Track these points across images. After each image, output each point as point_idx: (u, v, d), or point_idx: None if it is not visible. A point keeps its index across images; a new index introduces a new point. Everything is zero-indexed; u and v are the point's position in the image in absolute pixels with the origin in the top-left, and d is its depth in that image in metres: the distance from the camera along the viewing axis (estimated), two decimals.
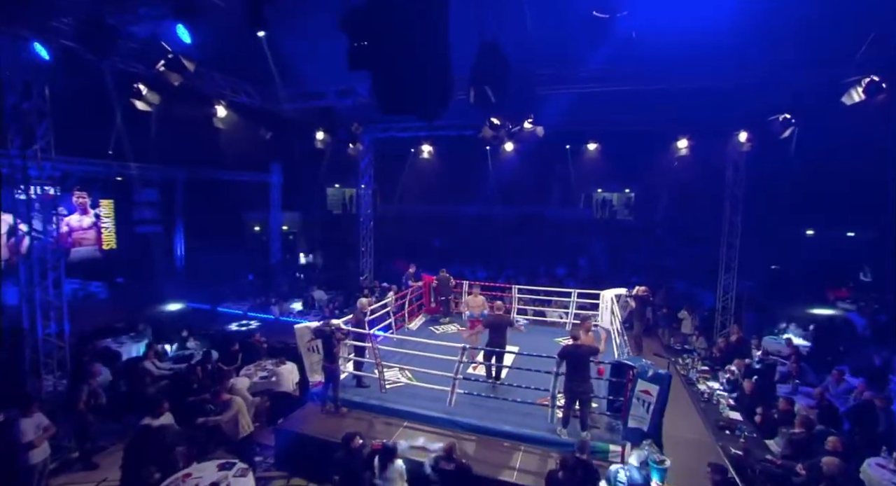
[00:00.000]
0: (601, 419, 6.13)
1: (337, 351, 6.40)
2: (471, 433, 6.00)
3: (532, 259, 19.87)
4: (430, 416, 6.26)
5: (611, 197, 24.54)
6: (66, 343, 6.59)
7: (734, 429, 6.46)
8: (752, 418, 6.87)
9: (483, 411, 6.32)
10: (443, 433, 5.98)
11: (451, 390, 6.44)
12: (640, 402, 5.53)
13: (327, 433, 6.04)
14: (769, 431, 6.45)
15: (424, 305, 10.88)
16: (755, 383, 7.47)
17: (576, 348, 5.84)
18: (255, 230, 20.75)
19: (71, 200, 15.24)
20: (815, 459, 5.29)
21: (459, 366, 6.44)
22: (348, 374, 7.11)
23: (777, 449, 6.09)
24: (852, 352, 9.41)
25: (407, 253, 16.55)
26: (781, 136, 7.84)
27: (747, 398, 7.27)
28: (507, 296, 10.75)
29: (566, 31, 4.82)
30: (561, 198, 23.31)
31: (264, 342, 9.32)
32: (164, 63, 5.37)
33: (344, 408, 6.58)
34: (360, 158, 13.42)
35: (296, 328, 6.89)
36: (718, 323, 11.51)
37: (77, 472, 5.99)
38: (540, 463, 5.46)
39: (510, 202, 21.63)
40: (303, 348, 6.87)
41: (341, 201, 25.44)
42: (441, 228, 22.72)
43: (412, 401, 6.57)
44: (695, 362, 8.87)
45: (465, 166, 17.93)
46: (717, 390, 7.74)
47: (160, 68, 5.35)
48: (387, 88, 3.97)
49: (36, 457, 5.02)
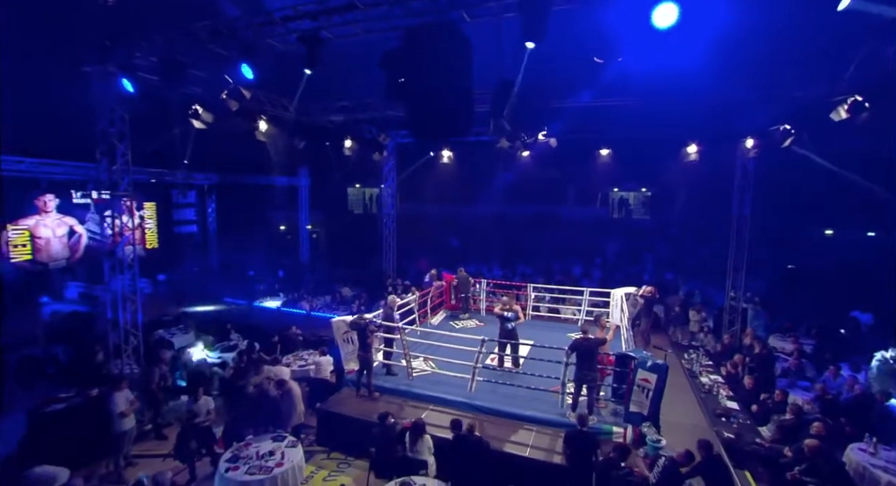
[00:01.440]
0: (607, 404, 6.82)
1: (370, 342, 7.22)
2: (489, 416, 6.75)
3: (548, 258, 20.46)
4: (453, 400, 7.04)
5: (628, 196, 24.81)
6: (139, 331, 7.57)
7: (730, 417, 7.07)
8: (748, 408, 7.46)
9: (500, 396, 7.07)
10: (464, 415, 6.74)
11: (472, 378, 7.21)
12: (640, 389, 6.21)
13: (362, 413, 6.87)
14: (763, 419, 7.04)
15: (445, 302, 11.66)
16: (755, 377, 8.03)
17: (585, 341, 6.53)
18: (281, 230, 21.87)
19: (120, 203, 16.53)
20: (801, 443, 5.89)
21: (479, 356, 7.20)
22: (379, 363, 7.93)
23: (768, 435, 6.68)
24: (855, 349, 9.83)
25: (425, 252, 17.37)
26: (783, 145, 8.34)
27: (745, 390, 7.85)
28: (522, 293, 11.48)
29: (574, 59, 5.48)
30: (577, 197, 23.73)
31: (300, 335, 10.24)
32: (227, 92, 6.27)
33: (376, 393, 7.40)
34: (384, 162, 14.23)
35: (332, 322, 7.75)
36: (726, 321, 11.97)
37: (151, 441, 6.99)
38: (551, 442, 6.17)
39: (526, 202, 22.15)
40: (339, 339, 7.72)
41: (362, 201, 26.33)
42: (458, 227, 23.40)
43: (436, 387, 7.37)
44: (699, 357, 9.45)
45: (483, 168, 18.51)
46: (718, 382, 8.34)
47: (223, 96, 6.26)
48: (418, 117, 4.78)
49: (126, 425, 5.99)
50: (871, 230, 18.04)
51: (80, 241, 15.99)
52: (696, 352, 9.85)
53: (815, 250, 18.60)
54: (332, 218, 23.37)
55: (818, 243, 19.25)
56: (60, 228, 15.42)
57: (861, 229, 18.15)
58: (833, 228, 19.19)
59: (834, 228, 19.16)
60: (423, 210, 22.53)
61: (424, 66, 4.49)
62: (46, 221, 15.05)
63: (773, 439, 6.54)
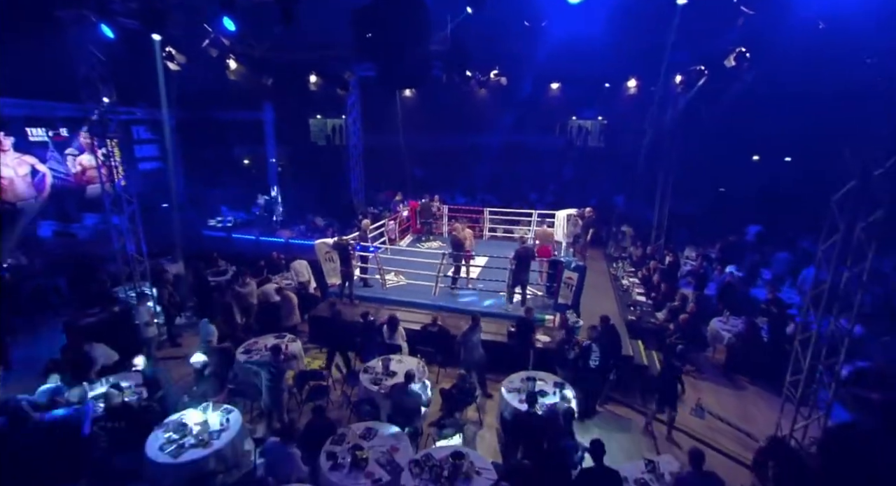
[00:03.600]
0: (542, 299, 8.65)
1: (351, 258, 8.60)
2: (449, 312, 8.45)
3: (510, 184, 21.96)
4: (420, 303, 8.68)
5: (586, 124, 25.94)
6: (145, 258, 8.59)
7: (637, 306, 9.09)
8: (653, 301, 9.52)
9: (457, 297, 8.76)
10: (429, 313, 8.42)
11: (435, 285, 8.83)
12: (566, 286, 7.99)
13: (346, 316, 8.41)
14: (660, 306, 9.10)
15: (411, 226, 13.05)
16: (661, 276, 10.06)
17: (524, 250, 8.14)
18: (245, 164, 22.06)
19: (79, 141, 16.37)
20: (678, 318, 7.92)
21: (441, 267, 8.76)
22: (357, 277, 9.39)
23: (661, 317, 8.75)
24: (745, 255, 12.09)
25: (391, 181, 18.38)
26: (697, 84, 9.68)
27: (654, 287, 9.90)
28: (479, 217, 13.00)
29: None
30: (538, 127, 24.67)
31: (283, 258, 11.50)
32: (209, 41, 6.77)
33: (356, 300, 8.94)
34: (348, 95, 14.67)
35: (315, 244, 9.04)
36: (653, 237, 14.01)
37: (168, 348, 8.37)
38: (497, 328, 7.96)
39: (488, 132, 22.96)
40: (321, 259, 9.06)
41: (324, 132, 26.30)
42: (422, 157, 24.14)
43: (406, 294, 8.97)
44: (624, 265, 11.45)
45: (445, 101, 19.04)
46: (635, 283, 10.36)
47: (204, 45, 6.77)
48: (384, 69, 5.76)
49: (150, 333, 7.30)
50: (787, 156, 20.32)
51: (44, 180, 15.97)
52: (623, 261, 11.86)
53: (743, 175, 20.86)
54: (297, 150, 23.52)
55: (746, 168, 21.50)
56: (22, 167, 15.31)
57: (780, 155, 20.37)
58: (759, 155, 21.38)
59: (760, 154, 21.34)
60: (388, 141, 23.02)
61: (388, 25, 5.41)
62: (6, 160, 14.91)
63: (664, 319, 8.61)
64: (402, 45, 5.13)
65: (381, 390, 6.12)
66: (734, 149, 19.76)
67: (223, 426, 5.38)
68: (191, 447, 5.03)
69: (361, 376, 6.51)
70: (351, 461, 4.78)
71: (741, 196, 19.83)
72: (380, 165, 19.79)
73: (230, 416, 5.56)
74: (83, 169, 16.62)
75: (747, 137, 18.79)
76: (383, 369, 6.56)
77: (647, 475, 4.70)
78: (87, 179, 16.71)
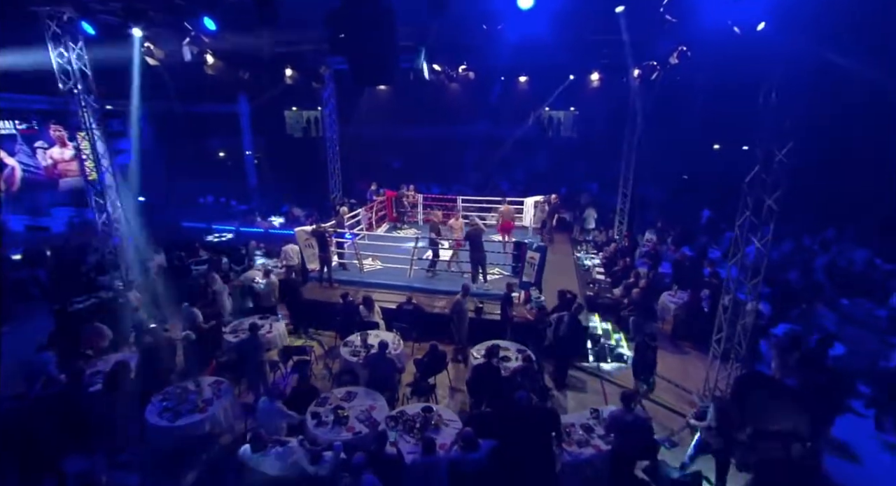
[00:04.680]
0: (509, 278, 9.36)
1: (329, 244, 9.13)
2: (421, 293, 9.08)
3: (482, 175, 22.65)
4: (395, 284, 9.30)
5: (558, 115, 26.73)
6: (130, 248, 8.90)
7: (595, 284, 9.91)
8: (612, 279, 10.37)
9: (429, 279, 9.41)
10: (404, 293, 9.05)
11: (409, 268, 9.45)
12: (529, 265, 8.71)
13: (326, 297, 8.99)
14: (616, 283, 9.95)
15: (388, 215, 13.61)
16: (621, 255, 10.91)
17: (473, 231, 8.86)
18: (221, 156, 22.10)
19: (49, 134, 16.22)
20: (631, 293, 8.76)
21: (414, 251, 9.38)
22: (336, 262, 9.93)
23: (618, 293, 9.59)
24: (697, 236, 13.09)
25: (368, 172, 18.82)
26: (651, 77, 10.46)
27: (613, 266, 10.75)
28: (453, 205, 13.63)
29: None
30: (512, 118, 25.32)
31: (263, 247, 11.94)
32: (189, 40, 7.10)
33: (336, 283, 9.49)
34: (324, 88, 14.99)
35: (296, 231, 9.53)
36: (616, 221, 14.90)
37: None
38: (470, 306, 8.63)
39: (463, 123, 23.50)
40: (302, 245, 9.56)
41: (300, 124, 26.37)
42: (398, 148, 24.55)
43: (382, 276, 9.57)
44: (588, 248, 12.30)
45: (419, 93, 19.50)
46: (596, 264, 11.20)
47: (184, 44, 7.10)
48: (356, 67, 6.27)
49: (139, 317, 7.71)
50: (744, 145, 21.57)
51: (14, 173, 15.85)
52: (587, 244, 12.71)
53: (706, 162, 22.04)
54: (272, 142, 23.61)
55: (708, 156, 22.69)
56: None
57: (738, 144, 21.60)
58: (719, 144, 22.59)
59: (720, 143, 22.54)
60: (364, 132, 23.34)
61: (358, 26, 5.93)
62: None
63: (620, 295, 9.45)
64: (370, 44, 5.65)
65: (359, 360, 6.73)
66: (697, 138, 20.93)
67: (216, 394, 5.92)
68: (187, 412, 5.58)
69: (342, 349, 7.11)
70: (333, 418, 5.41)
71: (702, 182, 21.05)
72: (356, 155, 20.17)
73: (221, 387, 6.10)
74: (54, 162, 16.51)
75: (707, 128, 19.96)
76: (361, 342, 7.17)
77: (592, 421, 5.48)
78: (58, 173, 16.62)
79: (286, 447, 4.60)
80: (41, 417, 5.15)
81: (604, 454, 5.00)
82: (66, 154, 16.64)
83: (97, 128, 8.08)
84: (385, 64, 5.73)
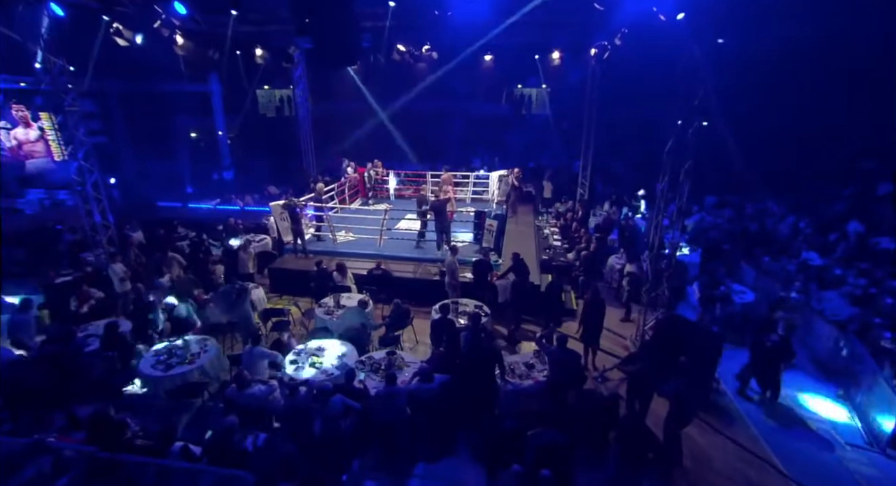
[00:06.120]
0: (471, 245, 10.17)
1: (300, 217, 9.74)
2: (391, 260, 9.82)
3: (455, 151, 23.23)
4: (366, 253, 10.01)
5: (530, 92, 27.21)
6: (111, 225, 9.27)
7: (551, 249, 10.81)
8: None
9: (398, 247, 10.16)
10: (374, 260, 9.77)
11: (380, 238, 10.16)
12: (488, 232, 9.53)
13: (301, 267, 9.64)
14: (570, 248, 10.87)
15: (360, 190, 14.19)
16: (578, 223, 11.83)
17: (437, 202, 9.59)
18: (193, 136, 22.04)
19: (11, 114, 16.01)
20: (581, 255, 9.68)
21: (384, 222, 10.08)
22: (310, 235, 10.55)
23: (571, 256, 10.52)
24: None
25: (341, 149, 19.18)
26: (604, 56, 11.19)
27: (569, 232, 11.67)
28: (423, 181, 14.29)
29: None
30: (485, 95, 25.68)
31: (240, 223, 12.42)
32: (160, 22, 7.41)
33: (310, 254, 10.13)
34: (294, 67, 15.23)
35: (271, 205, 10.08)
36: (578, 192, 15.80)
37: None
38: (429, 271, 9.43)
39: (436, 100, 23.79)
40: (277, 218, 10.13)
41: (273, 104, 26.25)
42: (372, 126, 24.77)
43: (355, 247, 10.26)
44: (547, 217, 13.19)
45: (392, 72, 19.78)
46: (554, 231, 12.10)
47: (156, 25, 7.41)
48: (321, 51, 6.82)
49: (125, 286, 8.24)
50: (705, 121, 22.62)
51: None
52: (548, 214, 13.60)
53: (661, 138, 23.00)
54: (245, 122, 23.57)
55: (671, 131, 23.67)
56: None
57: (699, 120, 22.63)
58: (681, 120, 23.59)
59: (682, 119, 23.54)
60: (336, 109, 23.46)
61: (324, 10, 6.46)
62: None
63: (573, 259, 10.38)
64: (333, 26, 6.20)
65: (333, 318, 7.48)
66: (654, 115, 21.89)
67: (203, 349, 6.61)
68: (178, 364, 6.27)
69: (316, 309, 7.83)
70: (309, 364, 6.18)
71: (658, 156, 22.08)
72: (329, 133, 20.43)
73: (208, 343, 6.79)
74: (19, 143, 16.34)
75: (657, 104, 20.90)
76: (335, 303, 7.90)
77: (534, 360, 6.40)
78: (24, 154, 16.48)
79: (268, 384, 5.37)
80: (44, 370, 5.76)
81: (541, 384, 5.93)
82: (30, 135, 16.47)
83: (72, 107, 8.35)
84: (348, 45, 6.26)
